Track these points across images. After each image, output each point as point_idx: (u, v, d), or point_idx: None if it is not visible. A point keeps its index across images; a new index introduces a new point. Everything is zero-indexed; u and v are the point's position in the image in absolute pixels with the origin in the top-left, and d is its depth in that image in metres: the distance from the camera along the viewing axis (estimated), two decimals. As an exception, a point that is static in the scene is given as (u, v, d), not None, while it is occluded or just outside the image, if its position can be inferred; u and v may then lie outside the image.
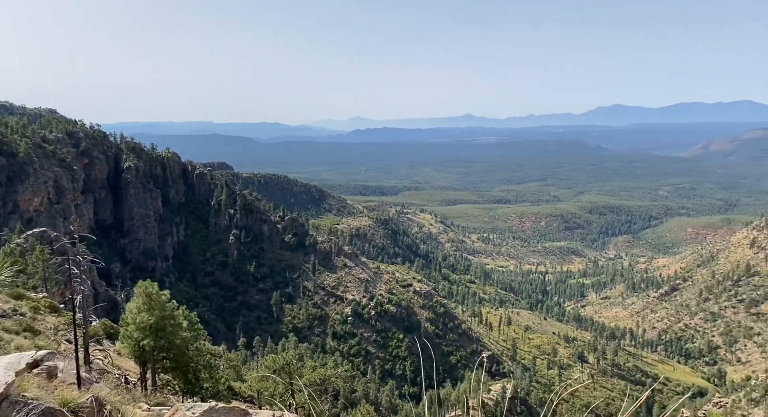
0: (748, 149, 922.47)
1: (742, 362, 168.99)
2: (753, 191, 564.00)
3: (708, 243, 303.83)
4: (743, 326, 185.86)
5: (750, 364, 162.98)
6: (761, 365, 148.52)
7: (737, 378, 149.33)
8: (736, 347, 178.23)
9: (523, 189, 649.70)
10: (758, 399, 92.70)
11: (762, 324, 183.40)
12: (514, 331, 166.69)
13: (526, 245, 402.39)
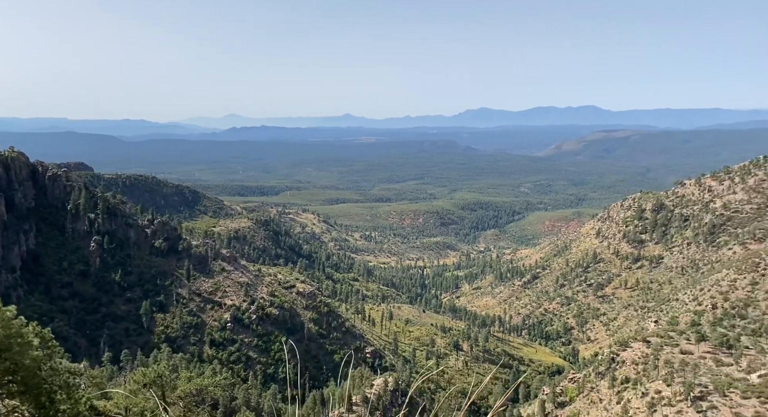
0: (593, 149, 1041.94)
1: (591, 340, 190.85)
2: (597, 187, 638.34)
3: (562, 234, 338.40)
4: (592, 308, 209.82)
5: (597, 342, 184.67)
6: (606, 342, 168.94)
7: (587, 355, 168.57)
8: (586, 327, 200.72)
9: (402, 187, 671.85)
10: (603, 372, 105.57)
11: (606, 305, 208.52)
12: (396, 326, 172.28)
13: (406, 242, 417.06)
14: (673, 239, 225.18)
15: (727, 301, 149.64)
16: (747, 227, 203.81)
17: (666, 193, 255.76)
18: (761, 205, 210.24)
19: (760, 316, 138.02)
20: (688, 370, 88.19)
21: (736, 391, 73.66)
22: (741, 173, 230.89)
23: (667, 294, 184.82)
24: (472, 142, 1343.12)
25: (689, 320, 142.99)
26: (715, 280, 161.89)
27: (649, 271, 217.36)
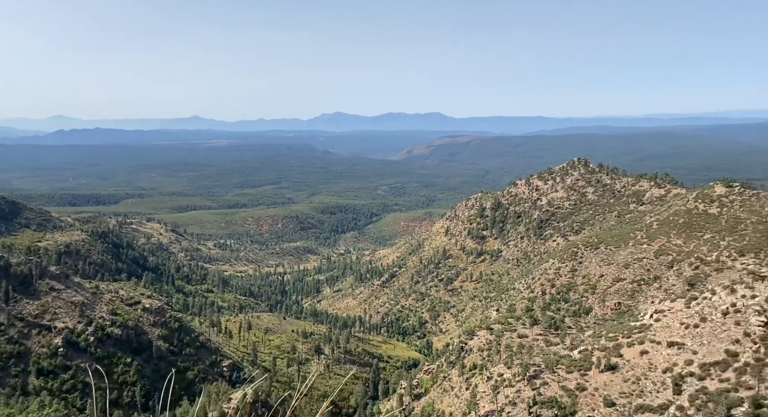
0: (440, 153, 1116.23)
1: (443, 332, 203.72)
2: (445, 188, 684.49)
3: (416, 233, 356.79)
4: (443, 301, 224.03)
5: (449, 333, 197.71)
6: (456, 332, 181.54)
7: (440, 346, 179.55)
8: (439, 320, 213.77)
9: (258, 192, 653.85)
10: (454, 361, 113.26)
11: (456, 298, 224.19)
12: (255, 335, 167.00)
13: (264, 248, 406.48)
14: (509, 234, 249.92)
15: (553, 287, 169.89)
16: (567, 221, 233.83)
17: (502, 193, 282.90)
18: (576, 202, 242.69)
19: (578, 298, 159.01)
20: (525, 352, 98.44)
21: (562, 367, 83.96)
22: (560, 174, 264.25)
23: (506, 284, 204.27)
24: (329, 146, 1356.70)
25: (524, 307, 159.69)
26: (543, 269, 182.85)
27: (491, 264, 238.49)
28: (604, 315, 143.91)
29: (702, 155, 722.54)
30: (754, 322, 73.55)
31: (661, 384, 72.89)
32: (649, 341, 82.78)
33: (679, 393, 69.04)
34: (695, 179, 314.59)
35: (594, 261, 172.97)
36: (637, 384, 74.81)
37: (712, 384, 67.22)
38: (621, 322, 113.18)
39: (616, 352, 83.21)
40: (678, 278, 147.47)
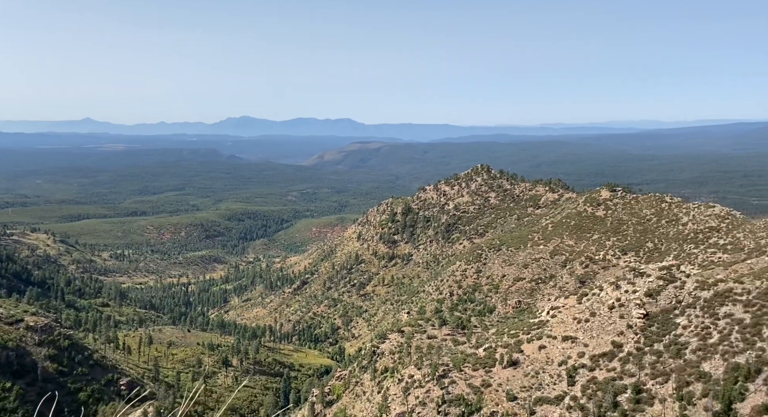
0: (352, 159, 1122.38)
1: (356, 337, 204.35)
2: (357, 193, 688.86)
3: (328, 239, 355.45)
4: (355, 306, 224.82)
5: (361, 338, 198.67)
6: (368, 337, 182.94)
7: (352, 351, 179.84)
8: (351, 325, 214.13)
9: (160, 199, 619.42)
10: (366, 365, 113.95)
11: (367, 302, 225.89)
12: (157, 350, 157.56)
13: (166, 258, 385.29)
14: (420, 238, 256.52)
15: (460, 288, 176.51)
16: (472, 224, 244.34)
17: (412, 198, 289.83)
18: (481, 206, 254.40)
19: (483, 298, 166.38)
20: (434, 353, 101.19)
21: (468, 365, 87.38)
22: (466, 179, 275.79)
23: (417, 287, 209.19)
24: (236, 150, 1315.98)
25: (434, 308, 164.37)
26: (451, 272, 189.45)
27: (402, 268, 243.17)
28: (507, 313, 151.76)
29: (590, 162, 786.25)
30: (635, 315, 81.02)
31: (557, 376, 78.09)
32: (546, 336, 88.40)
33: (573, 384, 74.33)
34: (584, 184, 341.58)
35: (497, 262, 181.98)
36: (536, 378, 79.57)
37: (601, 374, 73.12)
38: (521, 319, 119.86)
39: (518, 348, 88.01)
40: (571, 276, 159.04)
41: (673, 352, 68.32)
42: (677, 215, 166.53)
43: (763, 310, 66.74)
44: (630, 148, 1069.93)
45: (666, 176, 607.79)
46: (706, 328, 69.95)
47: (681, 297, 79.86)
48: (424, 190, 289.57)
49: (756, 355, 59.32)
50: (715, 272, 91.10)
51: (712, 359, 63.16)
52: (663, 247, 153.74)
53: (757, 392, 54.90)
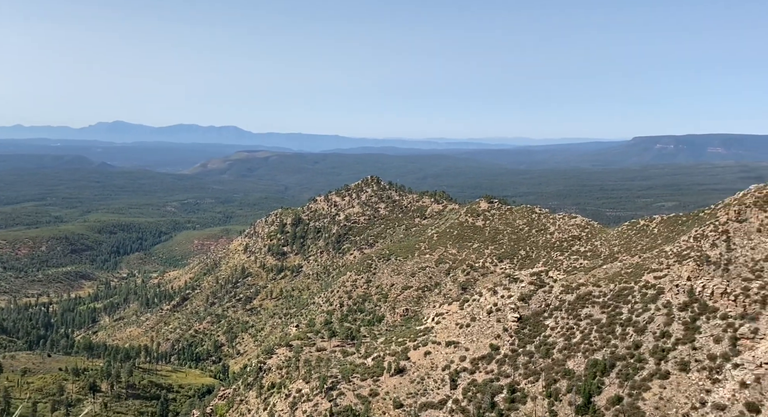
0: (238, 168, 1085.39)
1: (241, 354, 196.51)
2: (244, 204, 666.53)
3: (212, 252, 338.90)
4: (241, 322, 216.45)
5: (247, 354, 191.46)
6: (255, 353, 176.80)
7: (237, 369, 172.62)
8: (236, 342, 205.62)
9: (15, 210, 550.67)
10: (252, 382, 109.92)
11: (255, 317, 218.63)
12: (8, 379, 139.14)
13: (22, 275, 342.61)
14: (310, 249, 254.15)
15: (351, 298, 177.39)
16: (362, 235, 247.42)
17: (302, 209, 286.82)
18: (371, 216, 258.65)
19: (373, 307, 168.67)
20: (323, 365, 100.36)
21: (357, 375, 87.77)
22: (356, 190, 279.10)
23: (306, 299, 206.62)
24: (108, 158, 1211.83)
25: (323, 320, 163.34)
26: (341, 282, 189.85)
27: (291, 280, 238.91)
28: (395, 321, 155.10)
29: (470, 175, 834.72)
30: (510, 318, 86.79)
31: (441, 381, 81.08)
32: (431, 342, 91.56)
33: (455, 387, 77.61)
34: (466, 196, 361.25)
35: (386, 272, 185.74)
36: (421, 383, 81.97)
37: (480, 376, 77.21)
38: (409, 327, 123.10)
39: (405, 355, 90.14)
40: (454, 283, 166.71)
41: (543, 352, 74.10)
42: (545, 225, 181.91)
43: (616, 310, 74.84)
44: (505, 162, 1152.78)
45: (536, 189, 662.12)
46: (570, 328, 76.83)
47: (549, 300, 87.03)
48: (315, 200, 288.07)
49: (610, 351, 66.24)
50: (578, 277, 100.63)
51: (576, 357, 69.45)
52: (534, 255, 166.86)
53: (611, 385, 61.25)
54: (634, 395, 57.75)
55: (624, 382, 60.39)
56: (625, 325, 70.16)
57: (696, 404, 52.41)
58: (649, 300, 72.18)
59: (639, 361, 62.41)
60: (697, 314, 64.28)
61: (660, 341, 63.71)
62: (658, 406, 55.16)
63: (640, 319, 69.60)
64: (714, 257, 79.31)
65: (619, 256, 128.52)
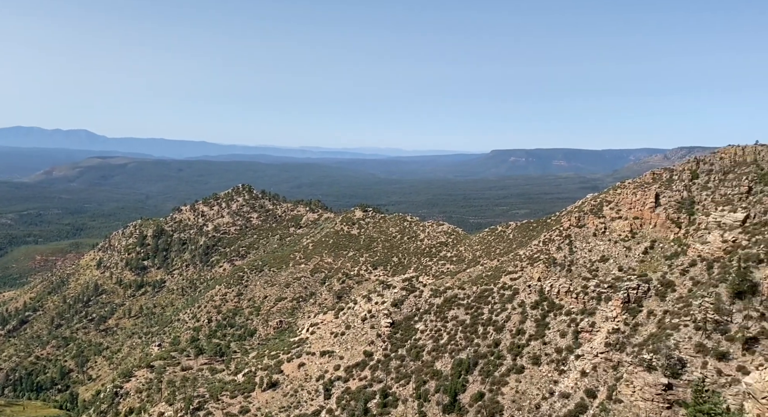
0: (90, 176, 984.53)
1: (94, 379, 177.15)
2: (97, 215, 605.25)
3: (58, 269, 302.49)
4: (94, 344, 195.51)
5: (100, 379, 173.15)
6: (109, 377, 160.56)
7: (88, 396, 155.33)
8: (88, 366, 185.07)
9: None
10: (106, 409, 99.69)
11: (110, 338, 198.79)
12: None
13: None
14: (174, 262, 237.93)
15: (220, 313, 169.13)
16: (233, 246, 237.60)
17: (165, 219, 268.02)
18: (242, 226, 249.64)
19: (244, 321, 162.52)
20: (189, 385, 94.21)
21: (227, 393, 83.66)
22: (226, 199, 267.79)
23: (170, 316, 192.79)
24: None
25: (189, 337, 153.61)
26: (210, 296, 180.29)
27: (153, 296, 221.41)
28: (268, 335, 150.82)
29: (345, 184, 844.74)
30: (383, 324, 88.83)
31: (315, 392, 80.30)
32: (306, 354, 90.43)
33: (329, 397, 77.35)
34: (341, 205, 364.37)
35: (259, 283, 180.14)
36: (295, 396, 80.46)
37: (354, 383, 77.86)
38: (282, 339, 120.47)
39: (278, 368, 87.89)
40: (329, 292, 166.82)
41: (413, 355, 76.86)
42: (416, 232, 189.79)
43: (478, 311, 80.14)
44: (378, 172, 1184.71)
45: (407, 198, 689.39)
46: (438, 330, 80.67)
47: (419, 305, 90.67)
48: (180, 210, 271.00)
49: (474, 350, 70.68)
50: (445, 281, 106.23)
51: (443, 358, 73.02)
52: (406, 261, 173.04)
53: (474, 382, 65.29)
54: (494, 391, 62.12)
55: (486, 378, 64.72)
56: (486, 325, 75.35)
57: (546, 394, 57.78)
58: (506, 300, 78.37)
59: (498, 358, 67.34)
60: (546, 312, 71.09)
61: (516, 338, 69.38)
62: (514, 399, 59.89)
63: (499, 319, 75.21)
64: (559, 259, 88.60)
65: (480, 260, 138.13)
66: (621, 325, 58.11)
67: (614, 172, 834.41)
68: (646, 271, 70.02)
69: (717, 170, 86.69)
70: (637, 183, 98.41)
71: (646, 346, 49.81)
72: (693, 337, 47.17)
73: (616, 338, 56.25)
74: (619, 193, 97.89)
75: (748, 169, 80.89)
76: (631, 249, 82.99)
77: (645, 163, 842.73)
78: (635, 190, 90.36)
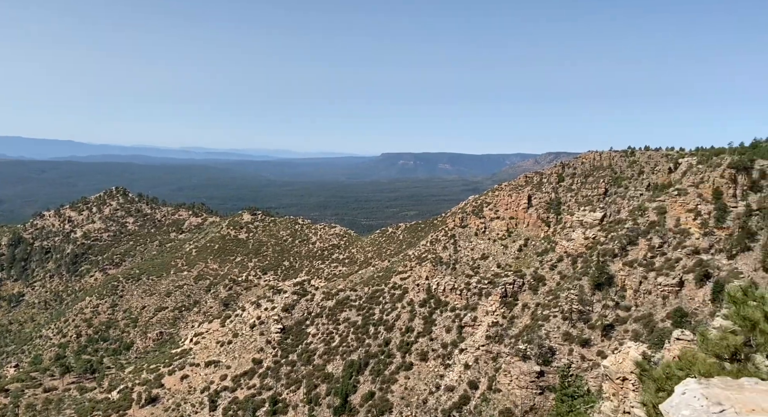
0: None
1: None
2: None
3: None
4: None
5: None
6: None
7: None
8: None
9: None
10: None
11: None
12: None
13: None
14: (35, 273, 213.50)
15: (91, 327, 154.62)
16: (106, 253, 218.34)
17: (24, 226, 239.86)
18: (116, 232, 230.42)
19: (119, 335, 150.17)
20: (53, 407, 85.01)
21: (98, 412, 76.54)
22: (98, 203, 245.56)
23: (30, 333, 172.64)
24: None
25: (54, 355, 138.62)
26: (79, 309, 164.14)
27: (8, 311, 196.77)
28: (147, 347, 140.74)
29: (232, 187, 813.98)
30: (273, 330, 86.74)
31: (199, 404, 76.26)
32: (189, 365, 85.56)
33: (215, 408, 73.87)
34: (228, 208, 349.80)
35: (136, 293, 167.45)
36: (177, 410, 75.80)
37: (242, 393, 75.12)
38: (163, 351, 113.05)
39: (158, 382, 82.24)
40: (215, 300, 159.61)
41: (305, 360, 75.96)
42: (308, 235, 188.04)
43: (370, 311, 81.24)
44: (268, 174, 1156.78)
45: (298, 201, 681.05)
46: (330, 333, 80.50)
47: (311, 308, 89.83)
48: (42, 216, 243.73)
49: (365, 350, 71.49)
50: (337, 283, 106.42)
51: (335, 360, 72.99)
52: (297, 265, 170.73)
53: (365, 382, 66.04)
54: (384, 389, 63.28)
55: (376, 378, 65.73)
56: (377, 325, 76.60)
57: (433, 389, 60.02)
58: (396, 299, 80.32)
59: (389, 357, 68.75)
60: (433, 309, 73.91)
61: (405, 336, 71.31)
62: (403, 396, 61.48)
63: (389, 318, 76.84)
64: (445, 258, 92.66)
65: (372, 261, 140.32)
66: (500, 318, 62.05)
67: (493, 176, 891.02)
68: (521, 267, 75.55)
69: (579, 174, 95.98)
70: (512, 185, 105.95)
71: (521, 337, 53.64)
72: (561, 326, 51.63)
73: (495, 331, 59.94)
74: (497, 194, 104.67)
75: (604, 172, 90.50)
76: (508, 247, 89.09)
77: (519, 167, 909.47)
78: (510, 192, 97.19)
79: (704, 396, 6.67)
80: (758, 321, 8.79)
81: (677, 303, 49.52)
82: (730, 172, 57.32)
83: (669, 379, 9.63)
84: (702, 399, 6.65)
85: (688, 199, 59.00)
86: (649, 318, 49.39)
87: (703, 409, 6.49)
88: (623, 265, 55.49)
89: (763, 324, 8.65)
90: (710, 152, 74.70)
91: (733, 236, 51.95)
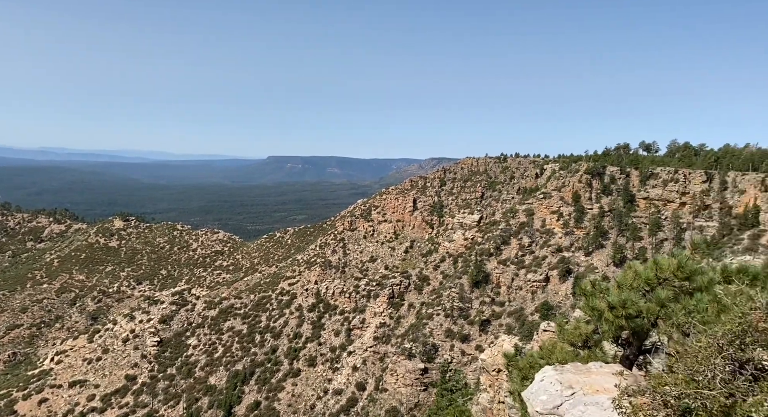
0: None
1: None
2: None
3: None
4: None
5: None
6: None
7: None
8: None
9: None
10: None
11: None
12: None
13: None
14: None
15: None
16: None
17: None
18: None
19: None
20: None
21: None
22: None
23: None
24: None
25: None
26: None
27: None
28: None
29: (101, 191, 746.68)
30: (149, 344, 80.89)
31: (63, 431, 68.89)
32: (49, 387, 76.94)
33: (83, 434, 67.16)
34: (96, 214, 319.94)
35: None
36: (36, 440, 67.79)
37: (113, 413, 69.12)
38: (17, 374, 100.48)
39: (9, 409, 72.89)
40: (81, 314, 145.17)
41: (185, 373, 71.77)
42: (188, 242, 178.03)
43: (256, 319, 78.88)
44: (142, 177, 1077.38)
45: (177, 205, 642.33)
46: (212, 344, 76.88)
47: (192, 319, 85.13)
48: None
49: (250, 359, 69.30)
50: (221, 291, 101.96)
51: (218, 372, 69.84)
52: (176, 273, 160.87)
53: (251, 392, 64.01)
54: (270, 397, 61.77)
55: (262, 387, 63.95)
56: (263, 333, 74.59)
57: (321, 394, 59.77)
58: (284, 305, 78.86)
59: (276, 364, 67.23)
60: (322, 313, 73.66)
61: (293, 342, 70.25)
62: (290, 403, 60.50)
63: (276, 325, 75.20)
64: (335, 261, 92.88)
65: (259, 267, 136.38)
66: (387, 319, 63.49)
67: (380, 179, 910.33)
68: (407, 268, 77.95)
69: (459, 178, 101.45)
70: (399, 189, 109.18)
71: (407, 336, 55.36)
72: (443, 323, 54.11)
73: (383, 332, 61.21)
74: (384, 198, 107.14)
75: (481, 177, 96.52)
76: (395, 249, 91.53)
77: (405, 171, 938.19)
78: (397, 196, 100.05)
79: (558, 381, 7.40)
80: (603, 311, 9.94)
81: (544, 297, 54.23)
82: (587, 177, 64.06)
83: (532, 367, 10.54)
84: (557, 384, 7.36)
85: (552, 201, 64.92)
86: (521, 312, 53.52)
87: (558, 393, 7.20)
88: (498, 263, 59.57)
89: (607, 313, 9.80)
90: (570, 159, 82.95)
91: (590, 235, 58.11)
